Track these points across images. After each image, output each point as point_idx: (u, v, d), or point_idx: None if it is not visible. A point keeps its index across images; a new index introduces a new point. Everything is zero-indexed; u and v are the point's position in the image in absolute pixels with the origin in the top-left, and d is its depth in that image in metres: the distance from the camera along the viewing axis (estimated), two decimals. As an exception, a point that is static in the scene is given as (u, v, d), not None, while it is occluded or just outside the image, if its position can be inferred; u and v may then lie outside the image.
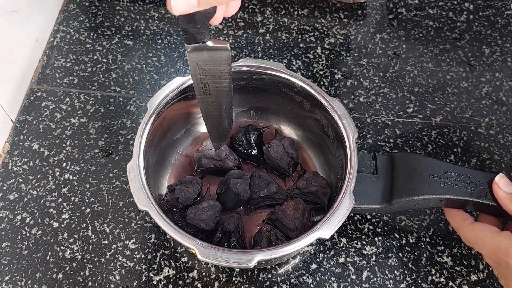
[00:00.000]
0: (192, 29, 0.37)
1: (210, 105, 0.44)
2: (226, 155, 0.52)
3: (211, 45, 0.39)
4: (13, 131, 0.58)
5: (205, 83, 0.42)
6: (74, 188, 0.54)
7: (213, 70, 0.41)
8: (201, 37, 0.38)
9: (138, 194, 0.43)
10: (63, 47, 0.65)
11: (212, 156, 0.51)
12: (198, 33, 0.38)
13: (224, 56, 0.40)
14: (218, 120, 0.46)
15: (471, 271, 0.50)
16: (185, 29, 0.37)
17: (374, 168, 0.48)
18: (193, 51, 0.39)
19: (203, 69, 0.41)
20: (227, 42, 0.39)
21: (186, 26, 0.37)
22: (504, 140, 0.59)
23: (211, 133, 0.48)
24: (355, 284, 0.49)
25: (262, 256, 0.40)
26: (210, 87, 0.42)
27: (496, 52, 0.67)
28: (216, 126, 0.47)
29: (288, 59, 0.65)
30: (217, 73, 0.41)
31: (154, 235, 0.51)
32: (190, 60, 0.40)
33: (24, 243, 0.50)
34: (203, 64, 0.40)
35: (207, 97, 0.44)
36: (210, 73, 0.41)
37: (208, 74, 0.41)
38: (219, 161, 0.52)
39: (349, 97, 0.62)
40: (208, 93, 0.43)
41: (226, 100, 0.44)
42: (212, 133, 0.48)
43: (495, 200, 0.43)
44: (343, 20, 0.69)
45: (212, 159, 0.52)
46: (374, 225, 0.53)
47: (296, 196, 0.51)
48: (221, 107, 0.45)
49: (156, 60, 0.64)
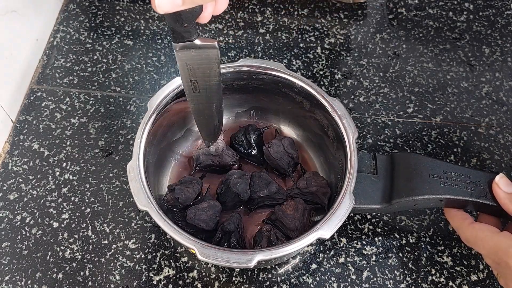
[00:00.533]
0: (179, 28, 0.37)
1: (200, 103, 0.44)
2: (223, 150, 0.52)
3: (199, 44, 0.39)
4: (13, 131, 0.58)
5: (194, 81, 0.42)
6: (74, 188, 0.54)
7: (202, 69, 0.41)
8: (188, 36, 0.38)
9: (138, 194, 0.43)
10: (63, 47, 0.65)
11: (210, 153, 0.51)
12: (185, 32, 0.38)
13: (212, 54, 0.40)
14: (208, 118, 0.46)
15: (471, 271, 0.50)
16: (172, 28, 0.37)
17: (374, 168, 0.48)
18: (181, 50, 0.39)
19: (192, 67, 0.41)
20: (215, 40, 0.39)
21: (173, 25, 0.37)
22: (504, 140, 0.59)
23: (202, 131, 0.48)
24: (355, 284, 0.49)
25: (262, 256, 0.40)
26: (200, 85, 0.42)
27: (496, 52, 0.67)
28: (206, 124, 0.47)
29: (288, 59, 0.65)
30: (206, 71, 0.41)
31: (154, 235, 0.51)
32: (178, 58, 0.40)
33: (24, 243, 0.50)
34: (192, 63, 0.40)
35: (197, 95, 0.43)
36: (199, 71, 0.41)
37: (197, 72, 0.41)
38: (216, 156, 0.52)
39: (349, 97, 0.62)
40: (197, 91, 0.43)
41: (216, 98, 0.44)
42: (203, 131, 0.48)
43: (495, 200, 0.43)
44: (343, 20, 0.69)
45: (210, 155, 0.52)
46: (374, 225, 0.53)
47: (296, 196, 0.51)
48: (211, 105, 0.45)
49: (156, 60, 0.64)
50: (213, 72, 0.41)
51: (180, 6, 0.32)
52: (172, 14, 0.35)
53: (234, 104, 0.56)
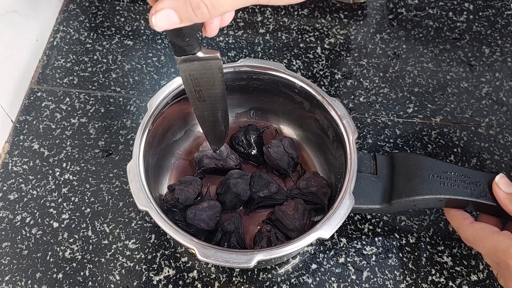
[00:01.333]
0: (181, 42, 0.36)
1: (206, 111, 0.44)
2: (227, 155, 0.52)
3: (202, 56, 0.38)
4: (13, 131, 0.58)
5: (199, 91, 0.42)
6: (74, 188, 0.54)
7: (206, 79, 0.40)
8: (190, 49, 0.37)
9: (138, 194, 0.43)
10: (63, 47, 0.65)
11: (214, 156, 0.51)
12: (187, 45, 0.36)
13: (215, 65, 0.39)
14: (214, 124, 0.46)
15: (471, 271, 0.50)
16: (173, 42, 0.36)
17: (374, 168, 0.48)
18: (184, 62, 0.38)
19: (196, 78, 0.40)
20: (217, 52, 0.38)
21: (174, 40, 0.36)
22: (504, 140, 0.59)
23: (208, 137, 0.48)
24: (355, 284, 0.49)
25: (262, 256, 0.40)
26: (204, 94, 0.42)
27: (496, 52, 0.67)
28: (213, 131, 0.47)
29: (288, 59, 0.65)
30: (209, 81, 0.41)
31: (154, 235, 0.51)
32: (181, 70, 0.39)
33: (24, 243, 0.51)
34: (195, 74, 0.40)
35: (202, 104, 0.43)
36: (203, 81, 0.41)
37: (201, 82, 0.41)
38: (220, 160, 0.52)
39: (349, 97, 0.62)
40: (202, 100, 0.43)
41: (221, 106, 0.44)
42: (209, 137, 0.48)
43: (495, 200, 0.43)
44: (343, 20, 0.69)
45: (213, 159, 0.52)
46: (374, 225, 0.53)
47: (296, 196, 0.51)
48: (216, 113, 0.44)
49: (156, 60, 0.64)
50: (217, 82, 0.41)
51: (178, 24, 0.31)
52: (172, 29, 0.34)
53: (234, 104, 0.56)
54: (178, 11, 0.30)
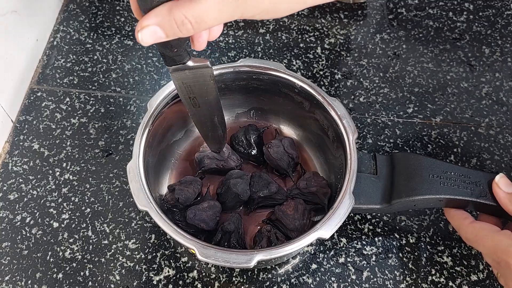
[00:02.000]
0: (170, 53, 0.36)
1: (202, 116, 0.45)
2: (228, 155, 0.52)
3: (192, 65, 0.38)
4: (13, 131, 0.58)
5: (193, 98, 0.42)
6: (74, 188, 0.54)
7: (199, 86, 0.41)
8: (180, 59, 0.37)
9: (138, 194, 0.43)
10: (63, 47, 0.65)
11: (215, 157, 0.51)
12: (176, 56, 0.37)
13: (207, 73, 0.39)
14: (212, 129, 0.46)
15: (471, 271, 0.50)
16: (163, 53, 0.36)
17: (374, 168, 0.48)
18: (175, 71, 0.39)
19: (189, 85, 0.40)
20: (207, 60, 0.39)
21: (162, 50, 0.36)
22: (504, 140, 0.59)
23: (207, 140, 0.48)
24: (355, 284, 0.49)
25: (262, 256, 0.40)
26: (199, 100, 0.42)
27: (496, 52, 0.67)
28: (212, 135, 0.47)
29: (288, 59, 0.65)
30: (202, 88, 0.41)
31: (154, 235, 0.51)
32: (173, 79, 0.40)
33: (24, 243, 0.51)
34: (188, 81, 0.40)
35: (198, 110, 0.44)
36: (196, 89, 0.41)
37: (194, 89, 0.41)
38: (221, 161, 0.52)
39: (349, 97, 0.62)
40: (197, 106, 0.43)
41: (216, 111, 0.44)
42: (208, 141, 0.48)
43: (495, 200, 0.43)
44: (343, 20, 0.69)
45: (214, 159, 0.52)
46: (374, 225, 0.53)
47: (296, 196, 0.51)
48: (212, 117, 0.45)
49: (156, 60, 0.64)
50: (210, 89, 0.41)
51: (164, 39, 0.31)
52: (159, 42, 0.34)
53: (234, 104, 0.56)
54: (163, 27, 0.30)
